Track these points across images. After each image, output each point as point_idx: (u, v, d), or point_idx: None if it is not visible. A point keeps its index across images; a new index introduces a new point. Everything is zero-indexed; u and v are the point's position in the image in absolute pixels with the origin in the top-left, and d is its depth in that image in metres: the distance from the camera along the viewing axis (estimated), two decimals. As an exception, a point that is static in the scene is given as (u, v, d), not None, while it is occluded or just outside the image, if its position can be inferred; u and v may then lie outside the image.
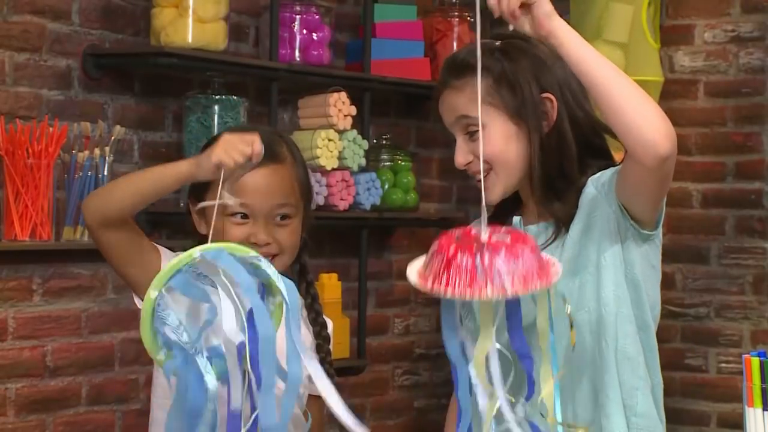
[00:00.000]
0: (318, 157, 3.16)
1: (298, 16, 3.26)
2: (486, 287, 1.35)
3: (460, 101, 1.76)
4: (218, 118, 3.03)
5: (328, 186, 3.20)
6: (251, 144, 1.64)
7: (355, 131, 3.27)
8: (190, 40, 2.88)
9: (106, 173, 2.77)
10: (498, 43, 1.81)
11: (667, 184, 1.70)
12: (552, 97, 1.77)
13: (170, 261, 1.49)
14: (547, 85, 1.79)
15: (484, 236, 1.37)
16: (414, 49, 3.69)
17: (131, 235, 1.79)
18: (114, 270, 1.87)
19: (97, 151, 2.78)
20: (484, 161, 1.71)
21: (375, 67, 3.46)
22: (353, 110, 3.26)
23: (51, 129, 2.71)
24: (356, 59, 3.52)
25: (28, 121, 2.74)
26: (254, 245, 1.73)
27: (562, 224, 1.73)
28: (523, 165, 1.75)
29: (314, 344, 1.86)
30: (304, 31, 3.27)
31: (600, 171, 1.73)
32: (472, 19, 3.89)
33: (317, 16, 3.31)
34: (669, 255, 3.77)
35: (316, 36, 3.28)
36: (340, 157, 3.23)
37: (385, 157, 3.56)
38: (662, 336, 3.86)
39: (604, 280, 1.75)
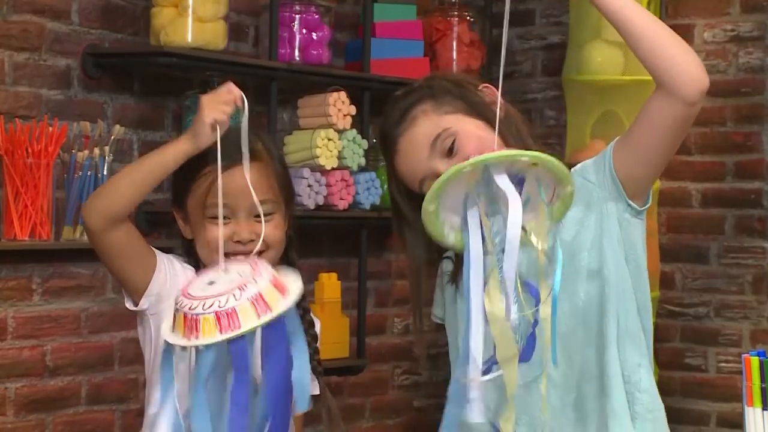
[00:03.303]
0: (317, 157, 3.16)
1: (297, 16, 3.26)
2: None
3: (427, 126, 1.75)
4: None
5: (328, 185, 3.20)
6: (230, 92, 1.68)
7: (354, 131, 3.26)
8: (189, 39, 2.87)
9: (105, 173, 2.77)
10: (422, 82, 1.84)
11: (685, 133, 1.73)
12: (489, 84, 1.80)
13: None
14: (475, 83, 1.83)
15: None
16: (414, 49, 3.67)
17: (132, 235, 1.79)
18: (112, 273, 1.88)
19: (96, 150, 2.78)
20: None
21: (375, 66, 3.46)
22: (353, 110, 3.26)
23: (50, 129, 2.71)
24: (356, 59, 3.51)
25: (27, 120, 2.73)
26: (237, 243, 1.76)
27: None
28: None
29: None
30: (304, 31, 3.25)
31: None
32: (471, 19, 3.90)
33: (317, 16, 3.31)
34: (669, 254, 3.78)
35: (316, 35, 3.26)
36: (340, 157, 3.22)
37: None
38: (662, 335, 3.87)
39: (606, 260, 1.76)
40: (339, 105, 3.22)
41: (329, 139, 3.19)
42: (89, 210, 1.77)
